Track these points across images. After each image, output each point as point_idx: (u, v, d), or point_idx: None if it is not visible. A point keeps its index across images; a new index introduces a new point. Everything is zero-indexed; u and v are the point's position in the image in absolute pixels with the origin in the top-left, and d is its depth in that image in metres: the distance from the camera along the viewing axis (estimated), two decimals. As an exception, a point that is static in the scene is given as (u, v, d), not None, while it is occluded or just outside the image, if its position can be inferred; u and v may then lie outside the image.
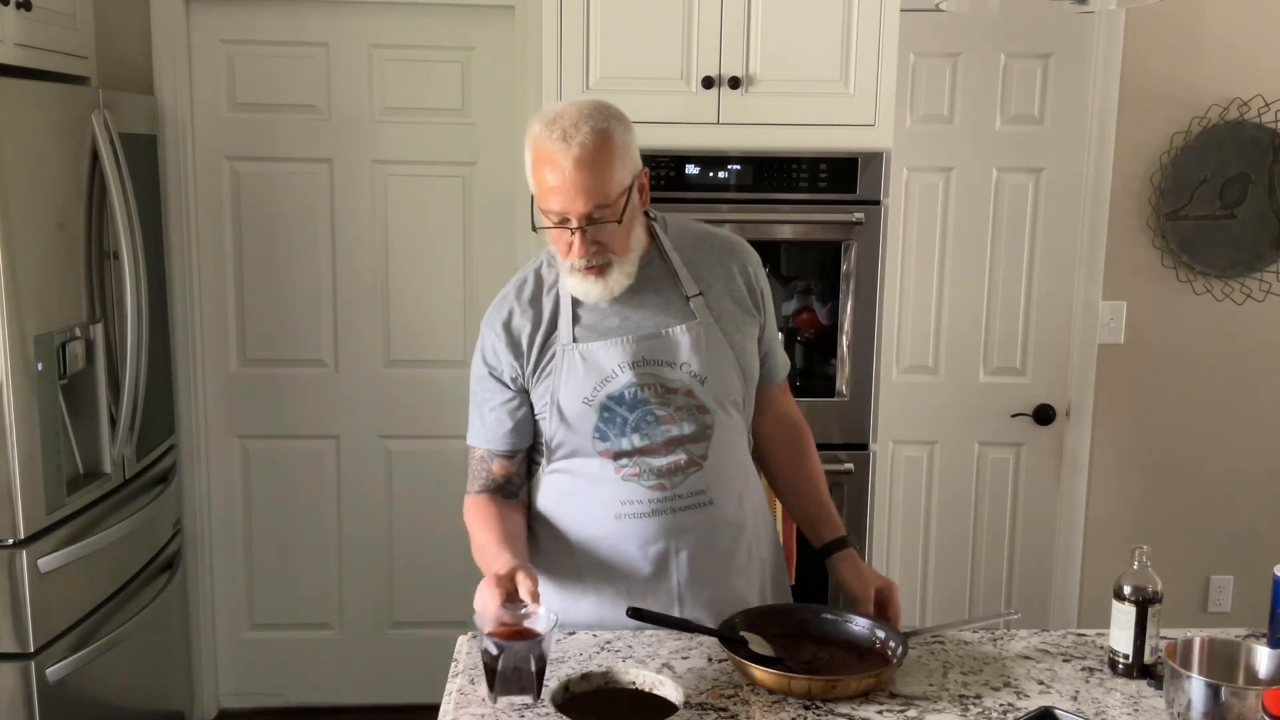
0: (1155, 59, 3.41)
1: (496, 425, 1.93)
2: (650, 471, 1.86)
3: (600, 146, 1.74)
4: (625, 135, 1.80)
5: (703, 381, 1.86)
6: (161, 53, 3.27)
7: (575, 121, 1.75)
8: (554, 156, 1.74)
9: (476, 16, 3.34)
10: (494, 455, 1.96)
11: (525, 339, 1.89)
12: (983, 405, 3.56)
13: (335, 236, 3.43)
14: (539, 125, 1.78)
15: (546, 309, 1.90)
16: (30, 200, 2.45)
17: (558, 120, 1.76)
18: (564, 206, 1.75)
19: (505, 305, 1.93)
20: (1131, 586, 1.74)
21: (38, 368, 2.46)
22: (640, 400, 1.85)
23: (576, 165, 1.73)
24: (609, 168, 1.75)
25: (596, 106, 1.80)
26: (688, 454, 1.87)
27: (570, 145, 1.73)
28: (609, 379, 1.84)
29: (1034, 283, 3.52)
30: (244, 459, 3.53)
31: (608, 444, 1.86)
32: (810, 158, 2.81)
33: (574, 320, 1.87)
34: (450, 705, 1.63)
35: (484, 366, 1.93)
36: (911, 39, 3.20)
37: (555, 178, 1.74)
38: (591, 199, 1.74)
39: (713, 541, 1.91)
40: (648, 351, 1.85)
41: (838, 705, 1.63)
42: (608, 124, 1.77)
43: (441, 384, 3.52)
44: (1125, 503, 3.63)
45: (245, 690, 3.63)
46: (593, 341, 1.86)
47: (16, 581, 2.43)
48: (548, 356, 1.87)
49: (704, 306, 1.89)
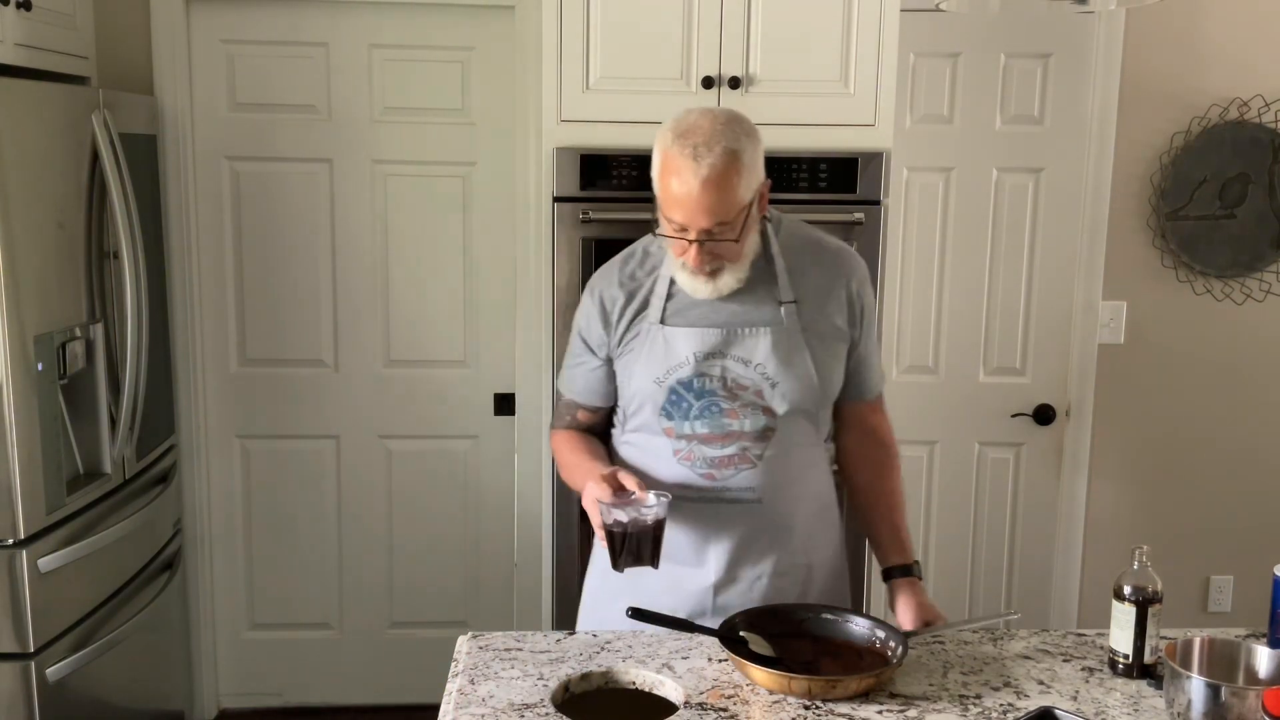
0: (1155, 59, 3.41)
1: (583, 383, 2.03)
2: (703, 460, 1.92)
3: (729, 168, 1.76)
4: (754, 153, 1.81)
5: (774, 385, 1.90)
6: (161, 53, 3.27)
7: (708, 139, 1.76)
8: (682, 171, 1.76)
9: (476, 16, 3.34)
10: (579, 406, 2.05)
11: (617, 312, 1.95)
12: (983, 405, 3.56)
13: (335, 236, 3.43)
14: (671, 135, 1.79)
15: (644, 286, 1.95)
16: (30, 200, 2.45)
17: (691, 134, 1.77)
18: (686, 220, 1.79)
19: (608, 275, 2.00)
20: (1131, 586, 1.74)
21: (38, 368, 2.46)
22: (707, 391, 1.90)
23: (704, 185, 1.75)
24: (734, 188, 1.77)
25: (730, 121, 1.80)
26: (743, 450, 1.91)
27: (700, 165, 1.75)
28: (681, 364, 1.90)
29: (1034, 283, 3.52)
30: (244, 459, 3.53)
31: (671, 423, 1.93)
32: (810, 158, 2.81)
33: (666, 299, 1.92)
34: (450, 705, 1.64)
35: (579, 330, 2.02)
36: (911, 39, 3.20)
37: (681, 192, 1.76)
38: (714, 217, 1.78)
39: (753, 539, 1.94)
40: (725, 345, 1.90)
41: (838, 705, 1.63)
42: (739, 143, 1.78)
43: (441, 384, 3.52)
44: (1125, 503, 3.63)
45: (245, 690, 3.63)
46: (677, 325, 1.91)
47: (16, 581, 2.43)
48: (634, 333, 1.94)
49: (794, 314, 1.91)
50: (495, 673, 1.73)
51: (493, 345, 3.51)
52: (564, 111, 2.77)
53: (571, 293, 2.80)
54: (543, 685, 1.68)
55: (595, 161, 2.77)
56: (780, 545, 1.96)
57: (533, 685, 1.68)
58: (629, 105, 2.78)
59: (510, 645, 1.83)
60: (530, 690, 1.67)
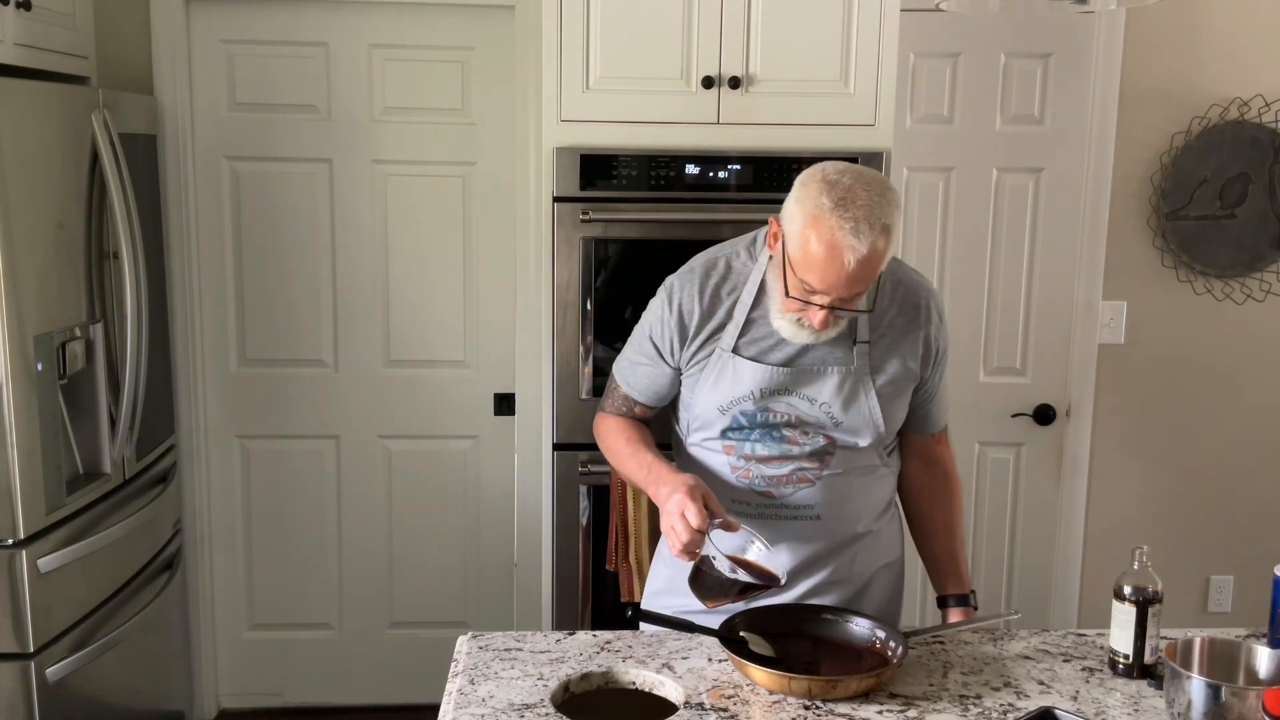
0: (1155, 59, 3.41)
1: (646, 384, 1.99)
2: (762, 479, 1.91)
3: (886, 246, 1.70)
4: (900, 223, 1.74)
5: (836, 424, 1.88)
6: (161, 53, 3.26)
7: (869, 213, 1.66)
8: (837, 243, 1.67)
9: (476, 16, 3.34)
10: (635, 402, 2.02)
11: (694, 326, 1.90)
12: (983, 405, 3.56)
13: (335, 236, 3.43)
14: (829, 200, 1.68)
15: (724, 304, 1.89)
16: (30, 200, 2.45)
17: (850, 203, 1.67)
18: (826, 288, 1.71)
19: (690, 284, 1.92)
20: (1131, 586, 1.74)
21: (38, 368, 2.46)
22: (770, 423, 1.88)
23: (861, 264, 1.67)
24: (882, 264, 1.72)
25: (885, 192, 1.71)
26: (801, 470, 1.90)
27: (861, 242, 1.66)
28: (744, 398, 1.88)
29: (1034, 283, 3.52)
30: (244, 459, 3.53)
31: (731, 443, 1.91)
32: (810, 158, 2.78)
33: (742, 329, 1.87)
34: (450, 705, 1.63)
35: (649, 330, 1.96)
36: (911, 39, 3.20)
37: (831, 263, 1.68)
38: (857, 289, 1.72)
39: (812, 551, 1.94)
40: (791, 382, 1.87)
41: (838, 705, 1.63)
42: (893, 218, 1.70)
43: (441, 384, 3.52)
44: (1125, 503, 3.63)
45: (245, 690, 3.63)
46: (748, 356, 1.87)
47: (16, 581, 2.43)
48: (706, 352, 1.90)
49: (865, 354, 1.88)
50: (495, 673, 1.73)
51: (493, 345, 3.51)
52: (564, 111, 2.77)
53: (571, 292, 2.80)
54: (543, 685, 1.68)
55: (595, 161, 2.77)
56: (837, 556, 1.96)
57: (533, 685, 1.68)
58: (629, 105, 2.78)
59: (510, 645, 1.83)
60: (530, 690, 1.67)
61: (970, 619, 1.97)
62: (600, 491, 2.83)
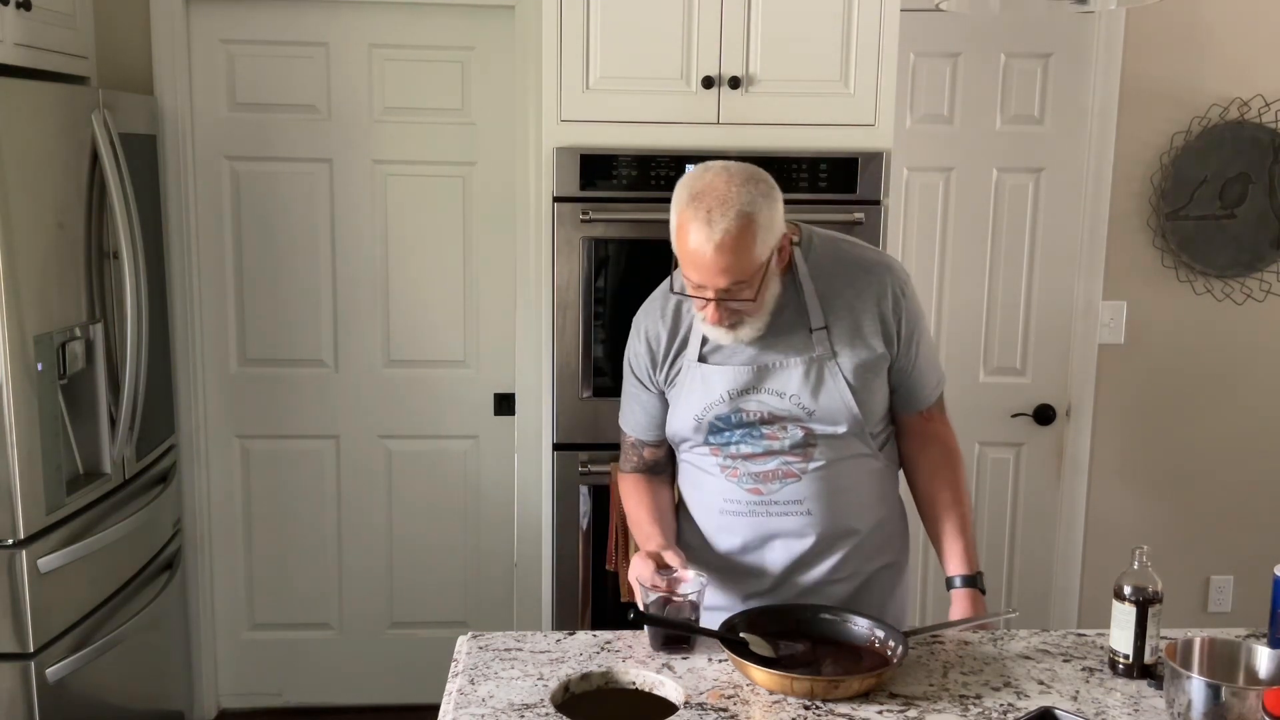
0: (1155, 59, 3.41)
1: (643, 417, 2.04)
2: (749, 476, 1.94)
3: (743, 231, 1.73)
4: (770, 212, 1.76)
5: (810, 414, 1.90)
6: (161, 53, 3.26)
7: (722, 202, 1.72)
8: (697, 234, 1.73)
9: (476, 16, 3.34)
10: (643, 444, 2.07)
11: (661, 349, 1.97)
12: (983, 405, 3.56)
13: (335, 236, 3.43)
14: (686, 195, 1.76)
15: (685, 322, 1.96)
16: (30, 200, 2.45)
17: (705, 196, 1.74)
18: (702, 280, 1.78)
19: (652, 311, 2.00)
20: (1131, 586, 1.74)
21: (38, 368, 2.46)
22: (746, 423, 1.92)
23: (718, 250, 1.73)
24: (749, 251, 1.75)
25: (746, 181, 1.75)
26: (786, 465, 1.92)
27: (714, 230, 1.72)
28: (716, 402, 1.91)
29: (1034, 283, 3.52)
30: (244, 459, 3.53)
31: (716, 446, 1.95)
32: (810, 158, 2.81)
33: (704, 340, 1.93)
34: (450, 705, 1.64)
35: (630, 364, 2.03)
36: (911, 39, 3.20)
37: (696, 254, 1.75)
38: (730, 278, 1.76)
39: (808, 548, 1.95)
40: (758, 380, 1.90)
41: (838, 705, 1.63)
42: (754, 206, 1.74)
43: (441, 384, 3.52)
44: (1125, 503, 3.63)
45: (245, 690, 3.63)
46: (713, 364, 1.92)
47: (16, 581, 2.43)
48: (678, 368, 1.96)
49: (825, 340, 1.89)
50: (495, 673, 1.73)
51: (493, 345, 3.51)
52: (564, 111, 2.77)
53: (571, 292, 2.80)
54: (543, 685, 1.68)
55: (595, 161, 2.78)
56: (838, 552, 1.97)
57: (533, 685, 1.68)
58: (629, 105, 2.78)
59: (510, 645, 1.83)
60: (530, 690, 1.67)
61: (972, 614, 1.96)
62: (600, 491, 2.84)
